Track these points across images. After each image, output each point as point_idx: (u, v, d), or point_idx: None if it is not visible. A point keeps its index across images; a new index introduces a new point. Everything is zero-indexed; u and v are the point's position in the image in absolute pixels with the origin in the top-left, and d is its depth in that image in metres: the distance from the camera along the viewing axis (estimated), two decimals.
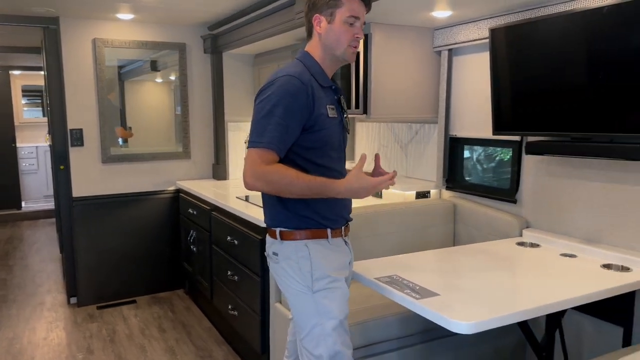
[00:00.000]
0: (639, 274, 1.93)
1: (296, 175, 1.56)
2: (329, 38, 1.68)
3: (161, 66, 4.21)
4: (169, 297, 4.21)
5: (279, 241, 1.72)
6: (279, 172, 1.56)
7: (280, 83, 1.61)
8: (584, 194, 2.30)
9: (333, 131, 1.70)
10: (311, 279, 1.68)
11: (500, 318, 1.54)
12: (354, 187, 1.57)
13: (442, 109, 2.99)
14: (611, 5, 1.95)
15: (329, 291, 1.69)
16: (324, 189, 1.58)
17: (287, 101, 1.58)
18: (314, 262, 1.69)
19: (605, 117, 2.03)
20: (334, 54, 1.70)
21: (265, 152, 1.57)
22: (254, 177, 1.57)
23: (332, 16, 1.66)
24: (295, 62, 1.73)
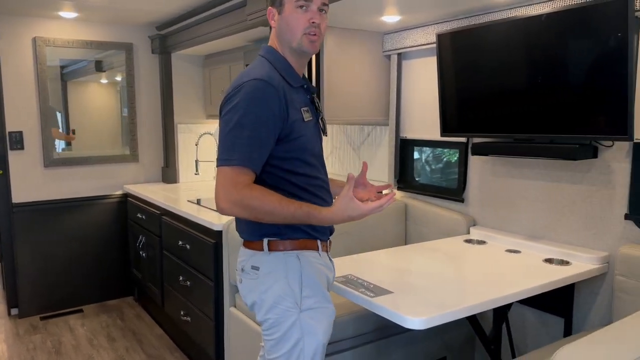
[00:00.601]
0: (578, 267, 2.05)
1: (279, 202, 1.38)
2: (282, 29, 1.52)
3: (107, 66, 4.08)
4: (118, 305, 4.08)
5: (263, 253, 1.51)
6: (259, 197, 1.37)
7: (248, 89, 1.42)
8: (527, 192, 2.41)
9: (310, 136, 1.53)
10: (300, 296, 1.48)
11: (450, 313, 1.60)
12: (343, 216, 1.39)
13: (393, 112, 3.06)
14: (549, 13, 2.07)
15: (317, 311, 1.50)
16: (309, 218, 1.40)
17: (258, 110, 1.40)
18: (305, 277, 1.49)
19: (546, 119, 2.14)
20: (290, 46, 1.52)
21: (239, 171, 1.38)
22: (229, 202, 1.38)
23: (281, 5, 1.50)
24: (259, 60, 1.54)
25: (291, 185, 1.49)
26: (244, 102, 1.41)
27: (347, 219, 1.40)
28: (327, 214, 1.40)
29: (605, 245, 2.12)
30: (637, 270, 1.93)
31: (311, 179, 1.53)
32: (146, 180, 4.22)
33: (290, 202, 1.39)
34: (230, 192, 1.38)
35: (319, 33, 1.51)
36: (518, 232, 2.46)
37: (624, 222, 2.05)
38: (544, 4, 2.17)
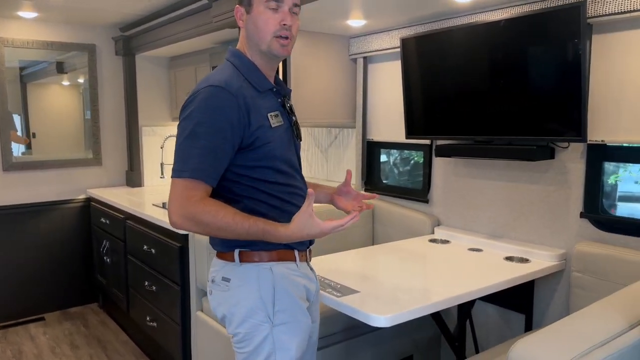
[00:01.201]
0: (537, 264, 2.13)
1: (232, 218, 1.31)
2: (250, 31, 1.41)
3: (68, 68, 3.98)
4: (82, 312, 3.98)
5: (234, 264, 1.43)
6: (212, 212, 1.30)
7: (203, 96, 1.33)
8: (488, 192, 2.49)
9: (280, 142, 1.44)
10: (273, 309, 1.40)
11: (415, 310, 1.63)
12: (300, 234, 1.32)
13: (360, 114, 3.10)
14: (508, 19, 2.14)
15: (291, 325, 1.43)
16: (264, 234, 1.33)
17: (213, 118, 1.31)
18: (277, 290, 1.41)
19: (505, 121, 2.22)
20: (259, 49, 1.42)
21: (192, 184, 1.31)
22: (181, 216, 1.31)
23: (250, 5, 1.39)
24: (224, 64, 1.45)
25: (263, 194, 1.42)
26: (199, 110, 1.33)
27: (305, 237, 1.34)
28: (284, 231, 1.33)
29: (562, 243, 2.20)
30: (592, 267, 2.02)
31: (284, 187, 1.45)
32: (110, 184, 4.14)
33: (245, 218, 1.32)
34: (182, 206, 1.31)
35: (290, 36, 1.41)
36: (480, 231, 2.53)
37: (579, 220, 2.13)
38: (503, 10, 2.25)
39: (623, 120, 1.97)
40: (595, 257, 2.01)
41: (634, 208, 2.19)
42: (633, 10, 1.84)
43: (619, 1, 1.88)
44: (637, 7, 1.83)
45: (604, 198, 2.13)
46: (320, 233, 1.33)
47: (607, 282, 1.96)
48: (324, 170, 3.47)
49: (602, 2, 1.92)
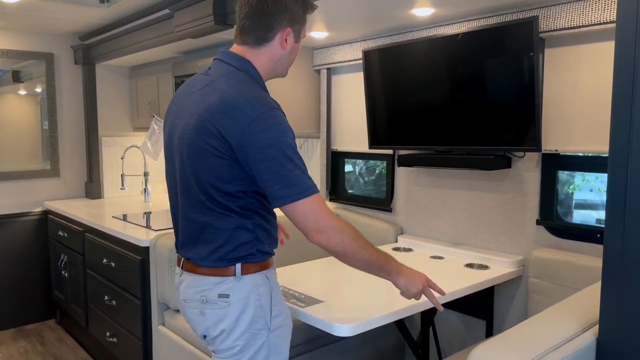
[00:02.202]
0: (496, 271, 2.18)
1: (364, 241, 1.41)
2: (289, 57, 1.47)
3: (25, 77, 3.87)
4: (38, 329, 3.83)
5: (234, 278, 1.41)
6: (353, 233, 1.39)
7: (278, 120, 1.33)
8: (449, 201, 2.54)
9: None
10: (270, 316, 1.44)
11: (379, 319, 1.65)
12: (413, 276, 1.50)
13: (324, 125, 3.12)
14: (465, 33, 2.21)
15: (282, 329, 1.48)
16: (388, 262, 1.47)
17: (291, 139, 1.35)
18: (274, 296, 1.46)
19: (464, 132, 2.28)
20: (277, 71, 1.49)
21: (317, 198, 1.34)
22: (337, 230, 1.35)
23: (299, 34, 1.45)
24: (241, 76, 1.41)
25: (264, 209, 1.44)
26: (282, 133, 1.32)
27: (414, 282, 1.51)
28: (404, 267, 1.51)
29: (520, 250, 2.26)
30: (548, 272, 2.08)
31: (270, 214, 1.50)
32: (68, 196, 4.02)
33: (382, 256, 1.47)
34: (326, 219, 1.34)
35: None
36: (442, 239, 2.57)
37: (536, 227, 2.20)
38: (460, 23, 2.32)
39: (575, 131, 2.06)
40: (551, 262, 2.07)
41: (588, 215, 2.28)
42: (582, 26, 1.93)
43: (569, 17, 1.96)
44: (585, 22, 1.92)
45: (558, 205, 2.21)
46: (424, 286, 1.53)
47: (563, 287, 2.03)
48: None
49: (554, 18, 2.01)
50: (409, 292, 1.50)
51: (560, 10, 1.99)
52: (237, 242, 1.41)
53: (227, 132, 1.31)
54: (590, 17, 1.91)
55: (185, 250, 1.50)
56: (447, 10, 2.21)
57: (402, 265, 1.50)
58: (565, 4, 1.97)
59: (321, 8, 2.19)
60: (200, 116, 1.36)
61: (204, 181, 1.38)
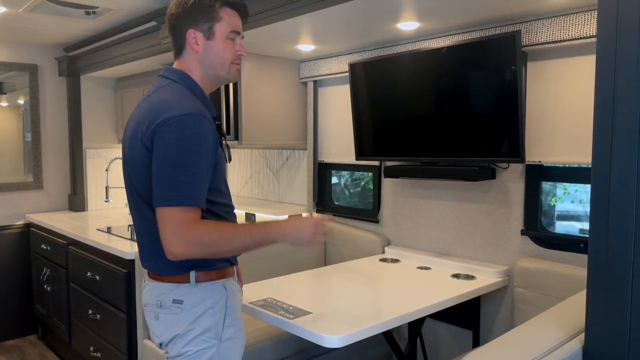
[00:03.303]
0: (482, 281, 2.20)
1: (234, 228, 1.37)
2: (210, 57, 1.46)
3: (7, 88, 3.82)
4: (19, 345, 3.75)
5: (189, 285, 1.43)
6: (216, 229, 1.34)
7: (185, 124, 1.33)
8: (435, 212, 2.56)
9: (223, 163, 1.50)
10: (222, 325, 1.44)
11: (367, 329, 1.65)
12: (298, 224, 1.43)
13: (311, 136, 3.13)
14: (449, 47, 2.25)
15: (234, 341, 1.48)
16: (266, 233, 1.40)
17: (198, 145, 1.33)
18: (229, 306, 1.47)
19: (449, 143, 2.31)
20: (217, 74, 1.49)
21: (190, 211, 1.31)
22: (186, 243, 1.29)
23: (210, 31, 1.45)
24: (176, 87, 1.45)
25: (212, 215, 1.44)
26: (183, 138, 1.32)
27: (301, 228, 1.43)
28: (283, 223, 1.43)
29: (505, 260, 2.29)
30: (533, 282, 2.11)
31: (225, 207, 1.50)
32: (51, 208, 3.96)
33: (242, 225, 1.40)
34: (183, 234, 1.29)
35: (241, 63, 1.55)
36: (428, 249, 2.59)
37: (520, 237, 2.23)
38: (445, 37, 2.36)
39: (557, 142, 2.10)
40: (536, 272, 2.10)
41: (571, 225, 2.32)
42: (563, 40, 1.99)
43: (551, 31, 2.02)
44: (566, 37, 1.97)
45: (542, 216, 2.24)
46: (311, 223, 1.43)
47: (548, 297, 2.05)
48: (275, 192, 3.47)
49: (535, 32, 2.06)
50: (301, 245, 1.46)
51: (541, 25, 2.04)
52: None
53: (147, 138, 1.35)
54: (571, 32, 1.96)
55: (144, 262, 1.53)
56: (432, 25, 2.25)
57: (284, 226, 1.43)
58: (547, 19, 2.02)
59: (308, 21, 2.22)
60: (133, 129, 1.42)
61: (144, 194, 1.40)
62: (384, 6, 1.99)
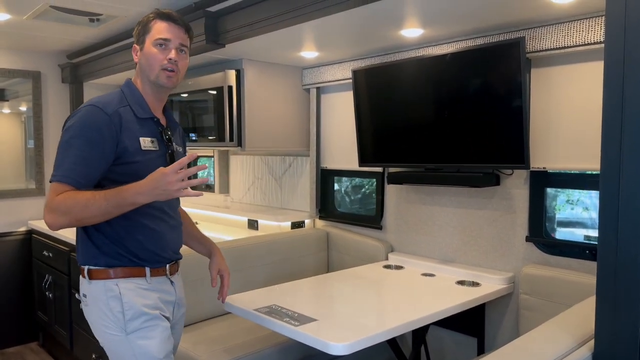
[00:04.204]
0: (487, 288, 2.19)
1: (91, 194, 1.45)
2: (142, 64, 1.65)
3: (10, 95, 3.83)
4: (20, 352, 3.73)
5: (86, 280, 1.59)
6: (70, 197, 1.45)
7: (82, 114, 1.54)
8: (439, 218, 2.56)
9: (149, 165, 1.55)
10: (124, 320, 1.55)
11: (372, 337, 1.64)
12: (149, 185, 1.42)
13: (313, 143, 3.13)
14: (453, 53, 2.25)
15: (146, 330, 1.56)
16: (123, 195, 1.44)
17: (88, 132, 1.51)
18: (125, 301, 1.55)
19: (452, 150, 2.31)
20: (149, 79, 1.65)
21: (60, 186, 1.47)
22: (49, 212, 1.46)
23: (143, 43, 1.65)
24: (116, 90, 1.67)
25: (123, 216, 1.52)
26: (77, 125, 1.52)
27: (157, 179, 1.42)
28: (137, 183, 1.44)
29: (510, 266, 2.28)
30: (538, 289, 2.10)
31: (146, 207, 1.53)
32: None
33: (100, 191, 1.47)
34: (47, 204, 1.47)
35: (176, 69, 1.63)
36: (432, 256, 2.58)
37: (525, 244, 2.23)
38: (448, 44, 2.36)
39: (562, 149, 2.10)
40: (541, 279, 2.09)
41: (577, 231, 2.31)
42: (567, 47, 1.99)
43: (555, 38, 2.02)
44: (571, 43, 1.98)
45: (547, 222, 2.24)
46: (166, 172, 1.41)
47: (553, 303, 2.04)
48: (278, 199, 3.47)
49: (540, 39, 2.06)
50: (170, 196, 1.45)
51: (546, 31, 2.04)
52: (82, 244, 1.61)
53: None
54: (575, 39, 1.96)
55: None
56: (436, 32, 2.26)
57: (140, 185, 1.44)
58: (551, 26, 2.03)
59: (311, 29, 2.22)
60: None
61: None
62: (387, 13, 1.99)
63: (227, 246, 2.63)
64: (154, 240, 1.61)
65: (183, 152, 1.82)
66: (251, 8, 2.27)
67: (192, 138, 3.16)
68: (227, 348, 2.17)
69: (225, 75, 2.84)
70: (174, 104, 3.27)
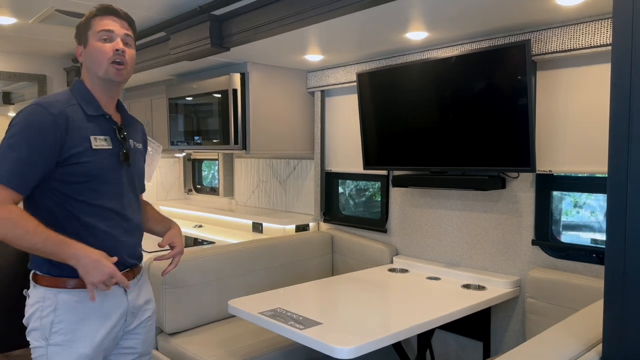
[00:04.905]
0: (493, 291, 2.18)
1: (33, 228, 1.40)
2: (88, 61, 1.59)
3: (16, 99, 3.85)
4: (26, 354, 3.73)
5: (32, 284, 1.59)
6: (12, 220, 1.40)
7: (26, 113, 1.50)
8: (444, 221, 2.55)
9: (101, 164, 1.54)
10: (49, 331, 1.53)
11: (377, 341, 1.63)
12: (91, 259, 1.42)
13: (318, 146, 3.13)
14: (459, 56, 2.25)
15: (62, 348, 1.52)
16: (60, 249, 1.42)
17: (30, 133, 1.45)
18: (58, 313, 1.52)
19: (457, 153, 2.30)
20: (97, 75, 1.58)
21: (2, 189, 1.41)
22: None
23: (86, 41, 1.59)
24: (65, 90, 1.62)
25: (64, 210, 1.50)
26: (19, 125, 1.48)
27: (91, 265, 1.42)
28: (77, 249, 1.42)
29: (516, 270, 2.27)
30: (544, 292, 2.09)
31: (96, 209, 1.53)
32: None
33: (46, 230, 1.41)
34: None
35: (124, 61, 1.58)
36: (437, 259, 2.57)
37: (531, 247, 2.22)
38: (453, 47, 2.36)
39: (568, 152, 2.09)
40: (547, 282, 2.08)
41: (583, 235, 2.30)
42: (572, 49, 1.98)
43: (560, 41, 2.01)
44: (576, 46, 1.97)
45: (553, 225, 2.22)
46: (106, 273, 1.43)
47: (560, 307, 2.03)
48: (282, 202, 3.47)
49: (545, 41, 2.06)
50: (84, 278, 1.45)
51: (551, 34, 2.04)
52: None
53: None
54: (581, 41, 1.96)
55: None
56: (441, 34, 2.25)
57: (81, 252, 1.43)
58: (557, 28, 2.02)
59: (316, 32, 2.23)
60: None
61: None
62: (392, 16, 1.99)
63: (232, 249, 2.63)
64: (104, 248, 1.51)
65: (143, 148, 1.79)
66: (256, 11, 2.27)
67: (197, 141, 3.16)
68: (231, 351, 2.17)
69: (230, 78, 2.85)
70: (178, 107, 3.28)
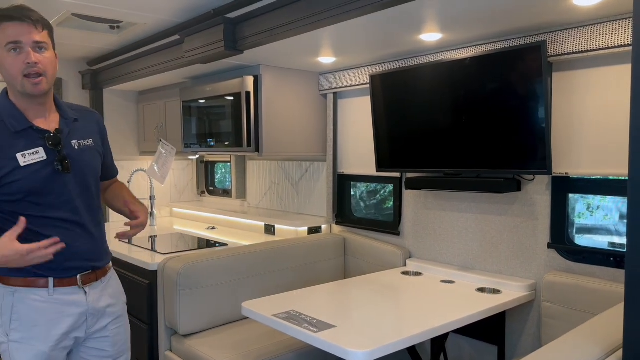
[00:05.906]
0: (508, 295, 2.15)
1: None
2: (4, 74, 1.49)
3: None
4: None
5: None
6: None
7: None
8: (458, 224, 2.53)
9: (34, 179, 1.50)
10: (9, 325, 1.54)
11: (392, 345, 1.62)
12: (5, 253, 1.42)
13: (330, 148, 3.13)
14: (473, 57, 2.23)
15: (21, 345, 1.54)
16: None
17: None
18: (16, 312, 1.54)
19: (472, 155, 2.28)
20: (17, 90, 1.50)
21: None
22: None
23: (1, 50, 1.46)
24: None
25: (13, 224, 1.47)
26: None
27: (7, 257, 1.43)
28: None
29: (531, 274, 2.24)
30: (561, 296, 2.06)
31: (39, 219, 1.52)
32: None
33: None
34: None
35: (41, 71, 1.47)
36: (452, 262, 2.55)
37: (547, 250, 2.19)
38: (468, 48, 2.34)
39: (585, 154, 2.06)
40: (564, 286, 2.05)
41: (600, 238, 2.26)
42: (589, 50, 1.96)
43: (577, 42, 1.99)
44: (593, 47, 1.95)
45: (569, 228, 2.20)
46: (16, 254, 1.42)
47: (576, 312, 2.00)
48: (294, 204, 3.47)
49: (561, 42, 2.03)
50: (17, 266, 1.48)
51: (568, 35, 2.01)
52: None
53: None
54: (598, 42, 1.93)
55: None
56: (455, 36, 2.24)
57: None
58: (573, 29, 2.00)
59: (329, 34, 2.22)
60: None
61: None
62: (406, 18, 1.98)
63: (245, 251, 2.63)
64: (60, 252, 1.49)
65: (100, 139, 1.73)
66: (270, 14, 2.28)
67: (210, 144, 3.18)
68: (245, 353, 2.17)
69: (243, 81, 2.86)
70: (192, 110, 3.30)
